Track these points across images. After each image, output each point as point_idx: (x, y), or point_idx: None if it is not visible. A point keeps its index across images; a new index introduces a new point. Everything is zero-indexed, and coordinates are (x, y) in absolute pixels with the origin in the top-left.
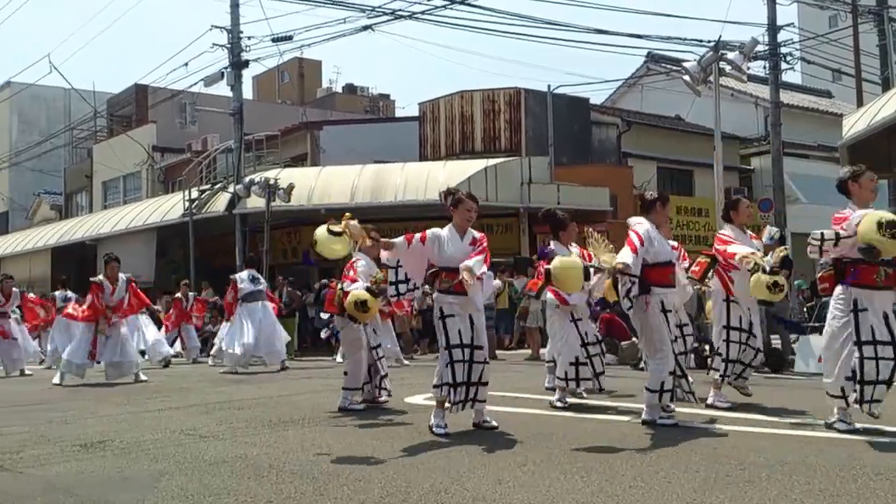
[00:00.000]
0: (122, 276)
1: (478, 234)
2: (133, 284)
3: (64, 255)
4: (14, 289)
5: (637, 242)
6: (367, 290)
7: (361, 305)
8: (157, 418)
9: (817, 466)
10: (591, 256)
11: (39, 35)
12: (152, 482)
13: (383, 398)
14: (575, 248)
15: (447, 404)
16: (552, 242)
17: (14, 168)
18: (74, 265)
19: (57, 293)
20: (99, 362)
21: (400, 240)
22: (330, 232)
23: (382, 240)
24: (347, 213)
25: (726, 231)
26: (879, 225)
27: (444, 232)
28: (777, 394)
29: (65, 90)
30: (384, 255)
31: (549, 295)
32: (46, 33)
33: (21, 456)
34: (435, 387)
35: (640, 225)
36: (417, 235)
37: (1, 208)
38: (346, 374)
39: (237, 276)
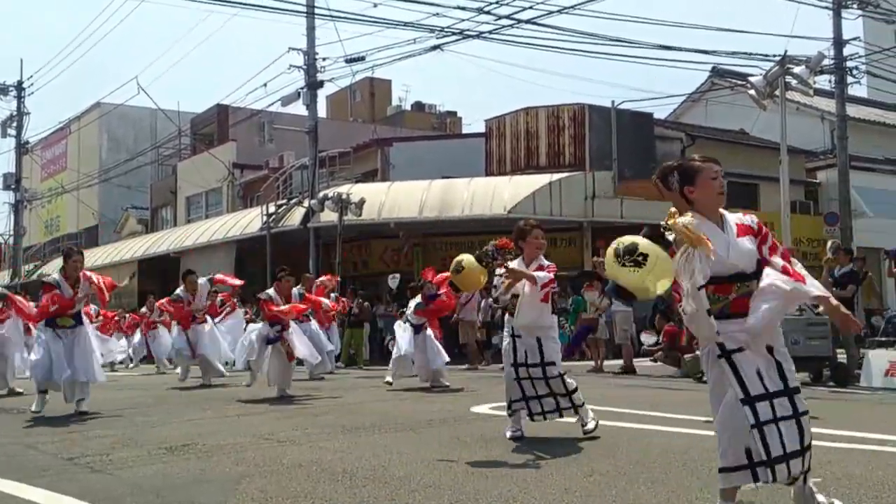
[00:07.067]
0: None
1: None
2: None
3: (150, 266)
4: (201, 279)
5: None
6: (477, 257)
7: (457, 265)
8: (238, 423)
9: (885, 480)
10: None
11: (127, 58)
12: (234, 484)
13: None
14: None
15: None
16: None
17: (103, 184)
18: (159, 276)
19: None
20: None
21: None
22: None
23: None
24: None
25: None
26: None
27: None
28: (843, 408)
29: (151, 110)
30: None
31: None
32: (134, 56)
33: (110, 458)
34: (738, 468)
35: None
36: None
37: (91, 222)
38: None
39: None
